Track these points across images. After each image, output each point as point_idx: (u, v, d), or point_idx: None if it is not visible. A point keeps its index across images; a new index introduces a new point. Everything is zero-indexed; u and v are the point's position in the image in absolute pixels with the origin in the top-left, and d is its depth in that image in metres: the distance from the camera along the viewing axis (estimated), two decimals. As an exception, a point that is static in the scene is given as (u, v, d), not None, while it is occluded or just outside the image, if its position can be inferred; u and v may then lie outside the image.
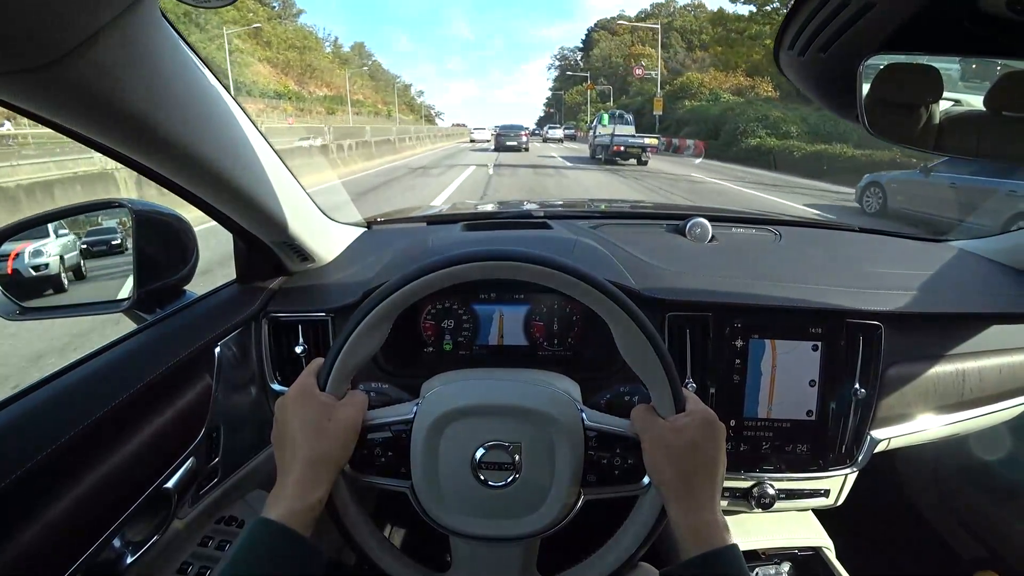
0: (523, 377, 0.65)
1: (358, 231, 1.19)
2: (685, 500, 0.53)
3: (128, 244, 0.86)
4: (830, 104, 0.64)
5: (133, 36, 0.46)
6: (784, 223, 1.30)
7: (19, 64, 0.40)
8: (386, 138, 23.65)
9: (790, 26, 0.52)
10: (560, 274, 0.55)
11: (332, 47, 73.13)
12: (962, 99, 0.58)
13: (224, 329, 0.87)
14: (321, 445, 0.54)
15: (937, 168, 7.60)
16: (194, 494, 0.80)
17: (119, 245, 0.95)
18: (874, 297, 0.94)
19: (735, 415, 0.91)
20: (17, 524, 0.53)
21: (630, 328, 0.55)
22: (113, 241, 0.97)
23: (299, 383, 0.58)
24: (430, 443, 0.58)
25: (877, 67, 0.53)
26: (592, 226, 1.18)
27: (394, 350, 0.92)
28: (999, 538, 1.25)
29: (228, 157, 0.68)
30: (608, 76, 63.26)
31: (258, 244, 0.89)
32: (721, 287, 0.93)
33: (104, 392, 0.65)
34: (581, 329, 0.97)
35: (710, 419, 0.56)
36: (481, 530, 0.59)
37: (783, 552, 1.01)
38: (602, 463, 0.58)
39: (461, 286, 0.57)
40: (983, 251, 1.17)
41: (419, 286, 0.56)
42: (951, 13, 0.46)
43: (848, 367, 0.91)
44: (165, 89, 0.54)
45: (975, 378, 0.97)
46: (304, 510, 0.51)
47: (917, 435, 0.98)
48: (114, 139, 0.56)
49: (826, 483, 0.95)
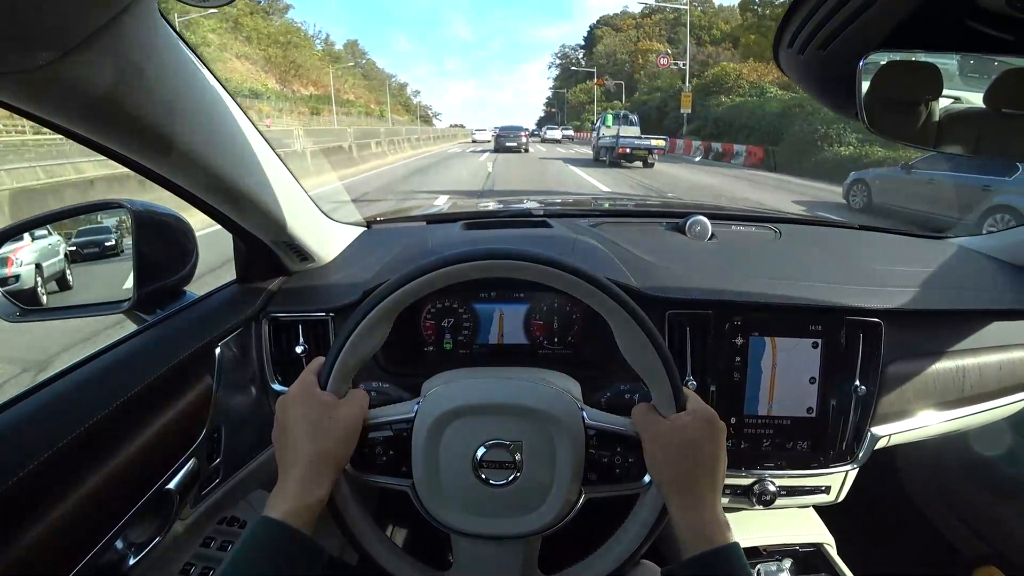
0: (524, 376, 0.65)
1: (358, 230, 1.19)
2: (686, 498, 0.53)
3: (124, 245, 0.80)
4: (830, 102, 0.64)
5: (132, 36, 0.46)
6: (784, 221, 1.30)
7: (19, 64, 0.40)
8: (343, 144, 18.16)
9: (789, 24, 0.52)
10: (560, 273, 0.55)
11: (323, 44, 68.85)
12: (961, 96, 0.58)
13: (224, 329, 0.86)
14: (322, 444, 0.54)
15: (917, 165, 7.77)
16: (196, 495, 0.80)
17: (113, 247, 0.87)
18: (874, 294, 0.94)
19: (736, 413, 0.91)
20: (20, 525, 0.53)
21: (630, 326, 0.55)
22: (107, 242, 0.88)
23: (300, 382, 0.58)
24: (431, 442, 0.58)
25: (877, 64, 0.53)
26: (592, 224, 1.18)
27: (395, 349, 0.92)
28: (1000, 534, 1.25)
29: (227, 157, 0.68)
30: (614, 73, 61.72)
31: (258, 244, 0.89)
32: (721, 285, 0.93)
33: (105, 393, 0.65)
34: (581, 328, 0.97)
35: (710, 417, 0.56)
36: (482, 529, 0.59)
37: (784, 549, 1.01)
38: (603, 462, 0.58)
39: (461, 285, 0.57)
40: (983, 248, 1.17)
41: (419, 285, 0.56)
42: (951, 10, 0.46)
43: (848, 364, 0.91)
44: (164, 89, 0.54)
45: (975, 374, 0.98)
46: (305, 509, 0.51)
47: (917, 431, 0.98)
48: (113, 139, 0.56)
49: (827, 480, 0.95)
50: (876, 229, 1.31)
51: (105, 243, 0.88)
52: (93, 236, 0.90)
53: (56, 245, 0.90)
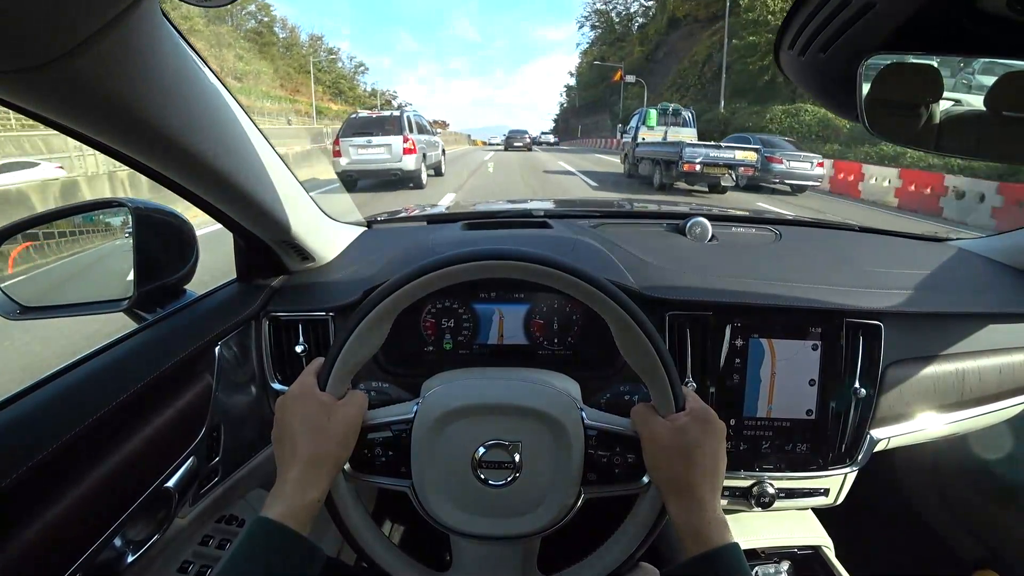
0: (523, 376, 0.65)
1: (358, 230, 1.19)
2: (685, 499, 0.53)
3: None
4: (831, 104, 0.64)
5: (133, 35, 0.46)
6: (784, 223, 1.30)
7: (19, 64, 0.40)
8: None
9: (790, 26, 0.52)
10: (560, 273, 0.55)
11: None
12: (961, 98, 0.58)
13: (224, 328, 0.87)
14: (321, 444, 0.55)
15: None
16: (195, 493, 0.80)
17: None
18: (874, 296, 0.94)
19: (735, 414, 0.91)
20: (18, 523, 0.53)
21: (630, 327, 0.55)
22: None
23: (299, 382, 0.59)
24: (430, 442, 0.58)
25: (877, 67, 0.53)
26: (592, 225, 1.19)
27: (394, 349, 0.92)
28: (998, 537, 1.25)
29: (228, 156, 0.68)
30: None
31: (258, 243, 0.89)
32: (721, 286, 0.93)
33: (105, 392, 0.65)
34: (581, 328, 0.97)
35: (710, 418, 0.56)
36: (481, 529, 0.59)
37: (783, 551, 1.01)
38: (602, 462, 0.58)
39: (461, 285, 0.57)
40: (983, 250, 1.17)
41: (419, 285, 0.56)
42: (951, 13, 0.46)
43: (848, 366, 0.91)
44: (165, 88, 0.54)
45: (974, 377, 0.98)
46: (302, 508, 0.51)
47: (917, 434, 0.98)
48: (115, 138, 0.56)
49: (826, 482, 0.95)
50: (876, 231, 1.31)
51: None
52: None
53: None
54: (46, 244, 0.91)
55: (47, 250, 0.92)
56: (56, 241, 0.93)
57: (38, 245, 0.90)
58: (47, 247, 0.92)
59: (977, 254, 1.16)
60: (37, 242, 0.89)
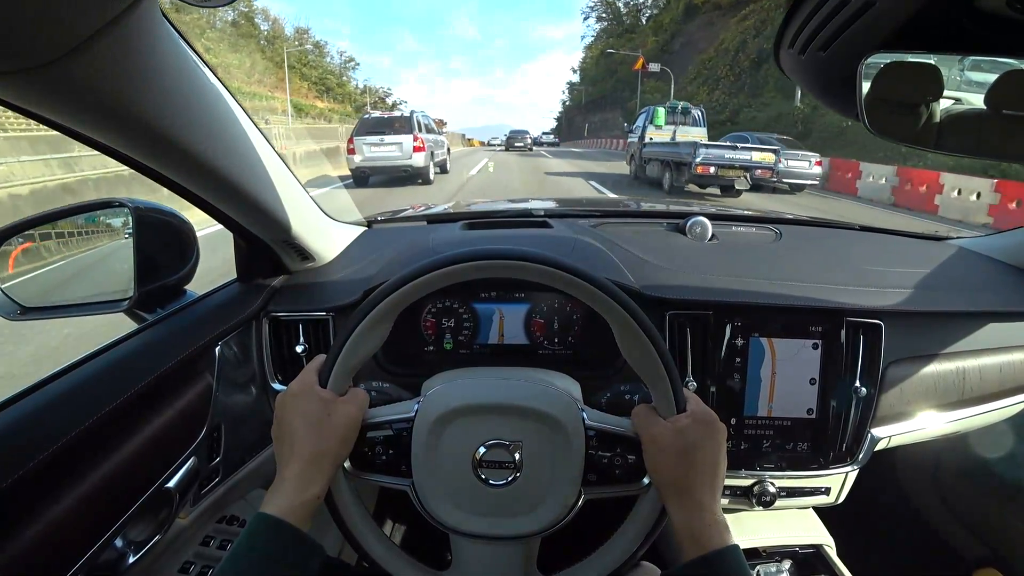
0: (524, 376, 0.65)
1: (358, 230, 1.19)
2: (685, 500, 0.53)
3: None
4: (831, 102, 0.64)
5: (133, 36, 0.46)
6: (784, 222, 1.30)
7: (19, 64, 0.40)
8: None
9: (790, 25, 0.52)
10: (561, 273, 0.55)
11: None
12: (961, 97, 0.58)
13: (225, 328, 0.87)
14: (320, 441, 0.55)
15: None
16: (196, 493, 0.80)
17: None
18: (874, 295, 0.94)
19: (736, 414, 0.91)
20: (19, 524, 0.53)
21: (630, 327, 0.55)
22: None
23: (300, 379, 0.59)
24: (431, 441, 0.58)
25: (877, 65, 0.53)
26: (592, 225, 1.18)
27: (395, 349, 0.92)
28: (999, 536, 1.25)
29: (228, 156, 0.68)
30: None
31: (258, 243, 0.89)
32: (721, 286, 0.93)
33: (105, 392, 0.65)
34: (582, 328, 0.97)
35: (710, 420, 0.56)
36: (482, 529, 0.59)
37: (784, 550, 1.01)
38: (602, 462, 0.58)
39: (461, 285, 0.57)
40: (983, 249, 1.17)
41: (419, 285, 0.56)
42: (951, 11, 0.46)
43: (848, 365, 0.91)
44: (165, 88, 0.54)
45: (975, 376, 0.97)
46: (302, 505, 0.51)
47: (917, 433, 0.98)
48: (114, 139, 0.56)
49: (827, 481, 0.95)
50: (876, 230, 1.31)
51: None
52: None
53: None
54: (47, 244, 0.91)
55: (48, 250, 0.92)
56: (56, 241, 0.93)
57: (38, 245, 0.90)
58: (48, 247, 0.92)
59: (977, 253, 1.16)
60: (37, 242, 0.89)
